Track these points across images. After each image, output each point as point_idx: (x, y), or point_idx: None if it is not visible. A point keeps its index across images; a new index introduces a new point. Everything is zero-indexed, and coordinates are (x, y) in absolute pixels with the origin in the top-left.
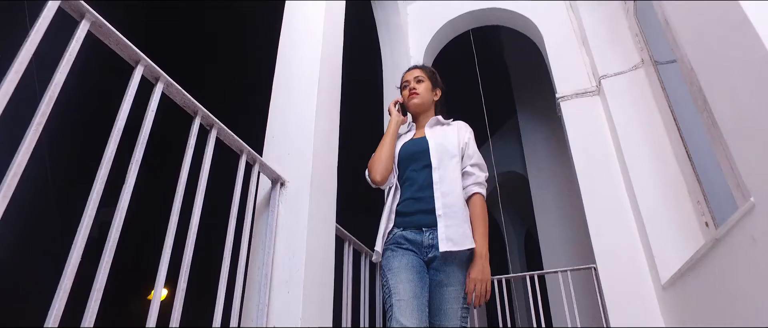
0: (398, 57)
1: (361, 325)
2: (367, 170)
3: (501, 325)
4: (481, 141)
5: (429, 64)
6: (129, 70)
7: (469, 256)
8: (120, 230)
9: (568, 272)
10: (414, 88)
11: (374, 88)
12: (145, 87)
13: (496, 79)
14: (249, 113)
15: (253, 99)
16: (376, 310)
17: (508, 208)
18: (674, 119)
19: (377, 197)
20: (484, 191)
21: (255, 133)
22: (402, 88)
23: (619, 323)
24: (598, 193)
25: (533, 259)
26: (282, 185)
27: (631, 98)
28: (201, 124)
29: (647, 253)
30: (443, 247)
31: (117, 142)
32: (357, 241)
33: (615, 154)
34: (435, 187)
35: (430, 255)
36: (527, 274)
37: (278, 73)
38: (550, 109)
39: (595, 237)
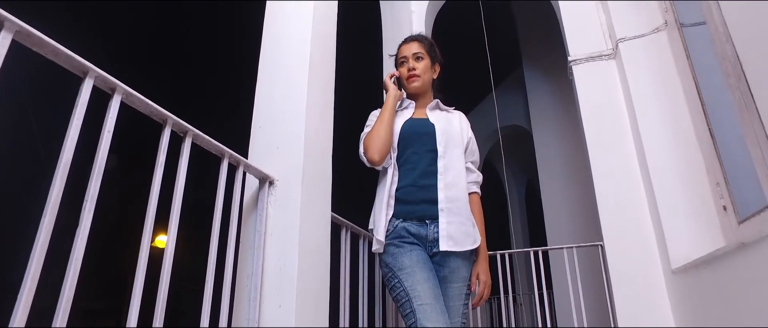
0: (398, 12)
1: (360, 313)
2: (361, 148)
3: (501, 295)
4: (484, 93)
5: (432, 17)
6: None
7: (471, 251)
8: (77, 275)
9: (574, 249)
10: (413, 69)
11: (373, 43)
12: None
13: (501, 28)
14: (243, 117)
15: (248, 99)
16: (375, 297)
17: (510, 160)
18: (697, 91)
19: (373, 174)
20: (479, 191)
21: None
22: (399, 62)
23: (623, 302)
24: (608, 166)
25: (533, 210)
26: (271, 183)
27: (649, 64)
28: (174, 132)
29: (658, 233)
30: (444, 246)
31: (63, 180)
32: (354, 226)
33: (629, 125)
34: (439, 176)
35: (434, 250)
36: (532, 249)
37: (264, 51)
38: (559, 63)
39: (603, 213)
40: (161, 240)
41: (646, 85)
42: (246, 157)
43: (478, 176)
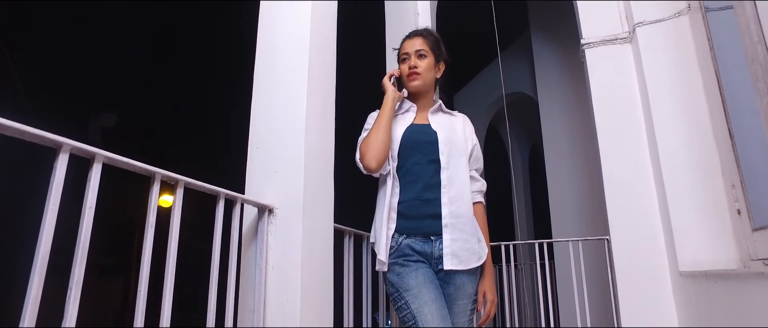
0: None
1: (364, 318)
2: (358, 154)
3: (505, 286)
4: (489, 58)
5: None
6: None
7: (477, 266)
8: None
9: (579, 243)
10: (415, 67)
11: (375, 36)
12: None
13: None
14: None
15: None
16: (379, 302)
17: (513, 125)
18: (718, 84)
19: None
20: (484, 200)
21: None
22: (401, 59)
23: (628, 299)
24: (618, 158)
25: (536, 176)
26: (270, 212)
27: (668, 52)
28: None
29: (667, 232)
30: (448, 264)
31: (45, 262)
32: (357, 230)
33: (642, 116)
34: (442, 190)
35: (439, 267)
36: (536, 242)
37: (259, 58)
38: (569, 33)
39: (611, 207)
40: (166, 200)
41: (663, 74)
42: (244, 178)
43: (483, 185)
